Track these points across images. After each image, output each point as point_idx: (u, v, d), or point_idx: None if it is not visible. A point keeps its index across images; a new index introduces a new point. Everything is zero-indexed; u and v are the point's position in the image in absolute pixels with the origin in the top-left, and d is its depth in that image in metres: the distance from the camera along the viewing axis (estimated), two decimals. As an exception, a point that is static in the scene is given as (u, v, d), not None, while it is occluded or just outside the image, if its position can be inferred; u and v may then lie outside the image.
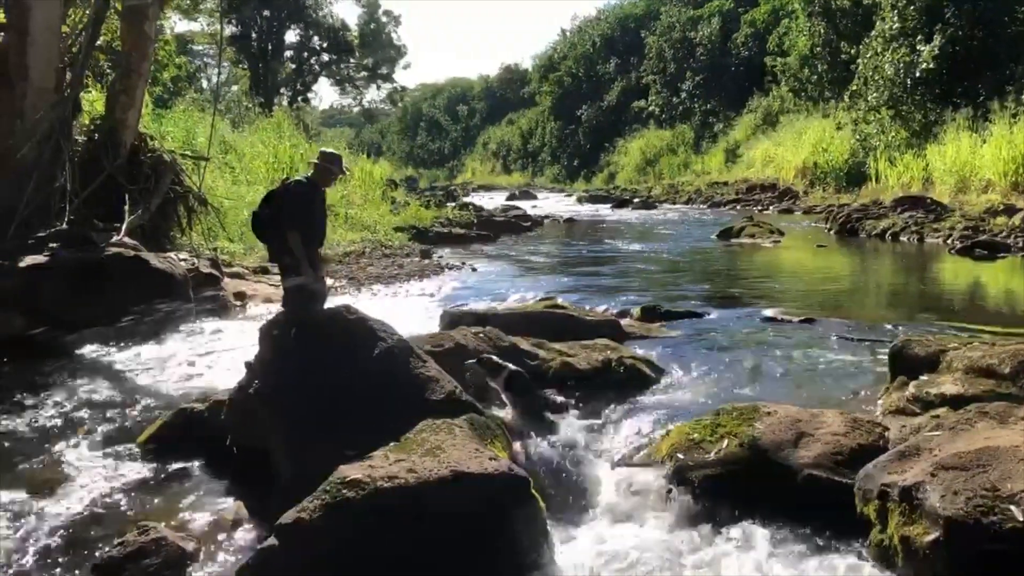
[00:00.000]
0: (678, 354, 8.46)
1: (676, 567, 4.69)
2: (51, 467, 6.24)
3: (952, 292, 13.27)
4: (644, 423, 6.51)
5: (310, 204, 6.41)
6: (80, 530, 5.28)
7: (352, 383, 5.88)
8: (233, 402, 6.44)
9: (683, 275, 15.22)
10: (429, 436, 5.26)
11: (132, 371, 8.65)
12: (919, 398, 6.19)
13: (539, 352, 7.75)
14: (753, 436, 5.60)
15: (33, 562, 4.93)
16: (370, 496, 4.60)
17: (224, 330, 10.34)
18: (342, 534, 4.55)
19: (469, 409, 5.87)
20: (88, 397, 7.72)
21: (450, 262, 16.88)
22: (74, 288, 9.71)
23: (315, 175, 6.55)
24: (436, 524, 4.61)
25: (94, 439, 6.73)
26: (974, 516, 4.17)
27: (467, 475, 4.78)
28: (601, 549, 4.98)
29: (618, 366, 7.61)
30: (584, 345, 8.04)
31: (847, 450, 5.42)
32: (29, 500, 5.61)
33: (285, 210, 6.29)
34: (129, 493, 5.82)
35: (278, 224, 6.32)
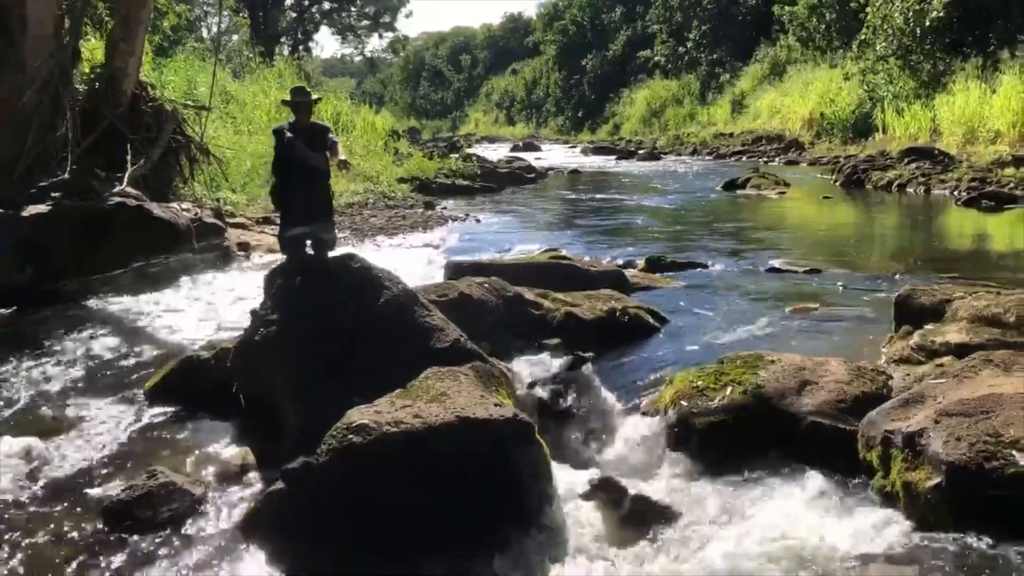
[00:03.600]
0: (682, 304, 8.47)
1: (678, 511, 4.72)
2: (59, 414, 6.29)
3: (958, 243, 13.22)
4: (648, 372, 6.54)
5: (282, 149, 6.32)
6: (88, 475, 5.34)
7: (357, 331, 5.89)
8: (238, 350, 6.46)
9: (688, 226, 15.16)
10: (435, 383, 5.28)
11: (137, 320, 8.67)
12: (923, 347, 6.20)
13: (543, 302, 7.74)
14: (757, 384, 5.61)
15: (42, 506, 4.98)
16: (377, 441, 4.63)
17: (228, 280, 10.35)
18: (349, 479, 4.59)
19: (474, 357, 5.87)
20: (94, 345, 7.75)
21: (453, 213, 16.83)
22: (77, 238, 9.70)
23: (296, 116, 6.47)
24: (441, 469, 4.64)
25: (101, 386, 6.77)
26: (976, 462, 4.20)
27: (472, 421, 4.80)
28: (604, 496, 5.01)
29: (622, 316, 7.61)
30: (588, 295, 8.04)
31: (851, 398, 5.44)
32: (38, 445, 5.64)
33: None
34: (136, 439, 5.87)
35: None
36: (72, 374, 7.06)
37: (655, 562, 4.32)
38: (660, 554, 4.39)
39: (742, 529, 4.51)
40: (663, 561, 4.31)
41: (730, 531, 4.47)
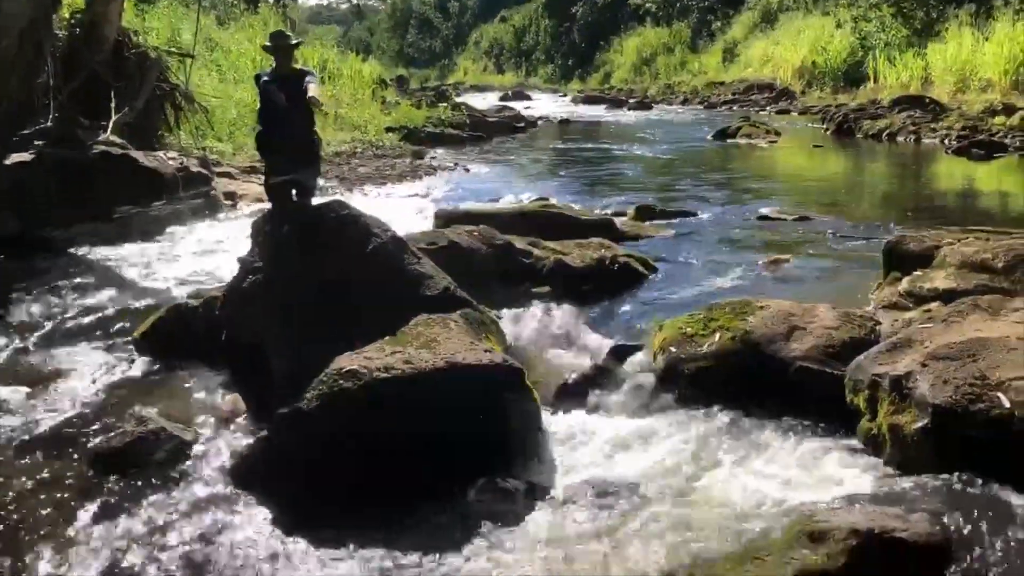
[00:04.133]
0: (672, 252, 8.48)
1: (668, 456, 4.77)
2: (46, 362, 6.28)
3: (947, 191, 13.23)
4: (637, 318, 6.56)
5: (263, 96, 6.22)
6: (78, 422, 5.33)
7: (345, 278, 5.86)
8: (227, 297, 6.42)
9: (678, 175, 15.10)
10: (424, 330, 5.27)
11: (124, 269, 8.61)
12: (912, 293, 6.22)
13: (533, 250, 7.72)
14: (746, 330, 5.63)
15: (31, 452, 4.99)
16: (367, 386, 4.64)
17: (215, 229, 10.27)
18: (339, 424, 4.61)
19: (464, 305, 5.86)
20: (80, 294, 7.71)
21: (442, 163, 16.70)
22: (62, 186, 9.58)
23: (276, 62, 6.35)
24: (432, 414, 4.65)
25: (88, 335, 6.74)
26: (962, 404, 4.23)
27: (462, 366, 4.82)
28: (595, 439, 5.06)
29: (612, 264, 7.61)
30: (578, 243, 8.02)
31: (839, 343, 5.45)
32: (27, 394, 5.65)
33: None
34: (125, 387, 5.87)
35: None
36: (59, 323, 7.03)
37: (642, 506, 4.35)
38: (646, 496, 4.42)
39: (727, 471, 4.56)
40: (650, 504, 4.35)
41: (716, 473, 4.52)
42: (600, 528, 4.19)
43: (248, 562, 4.03)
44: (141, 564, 4.01)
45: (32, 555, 4.08)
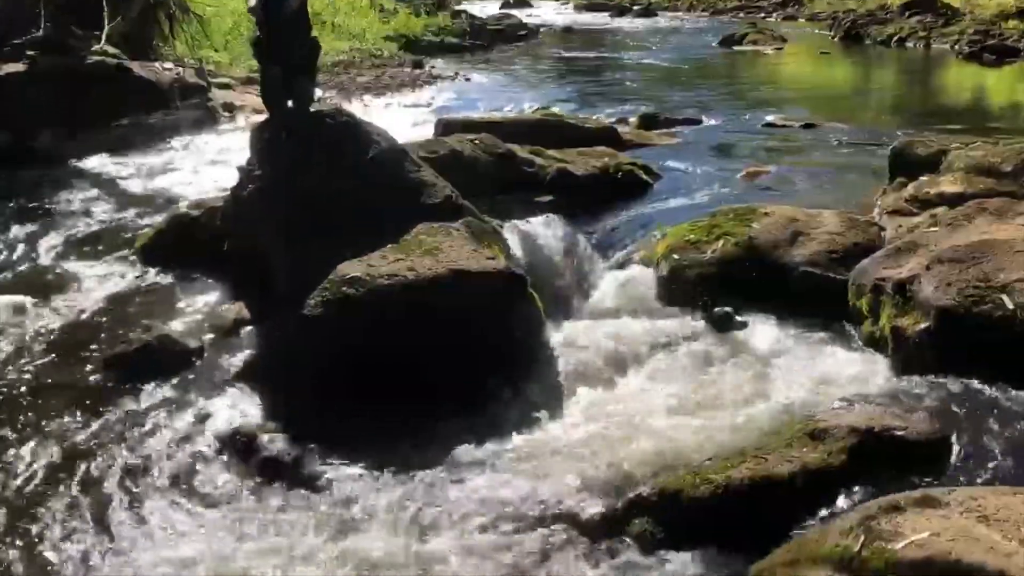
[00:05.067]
0: (677, 159, 8.38)
1: (671, 359, 4.80)
2: (50, 273, 6.29)
3: (957, 97, 13.02)
4: (641, 226, 6.52)
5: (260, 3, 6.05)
6: (83, 332, 5.38)
7: (346, 186, 5.79)
8: (227, 207, 6.38)
9: (683, 83, 14.84)
10: (427, 238, 5.25)
11: (124, 180, 8.53)
12: (918, 198, 6.16)
13: (536, 159, 7.63)
14: (749, 236, 5.61)
15: (39, 360, 5.04)
16: (370, 293, 4.65)
17: (213, 140, 10.13)
18: (343, 331, 4.62)
19: (466, 213, 5.81)
20: (80, 206, 7.68)
21: (442, 72, 16.39)
22: (57, 97, 9.40)
23: None
24: (435, 321, 4.67)
25: (91, 246, 6.73)
26: (965, 305, 4.24)
27: (465, 273, 4.81)
28: (597, 345, 5.08)
29: (616, 172, 7.53)
30: (581, 152, 7.93)
31: (843, 248, 5.45)
32: (33, 304, 5.68)
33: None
34: (130, 297, 5.89)
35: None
36: (60, 234, 7.01)
37: (643, 409, 4.39)
38: (647, 400, 4.46)
39: (729, 373, 4.59)
40: (650, 407, 4.39)
41: (717, 376, 4.56)
42: (600, 431, 4.24)
43: (254, 464, 4.10)
44: (149, 467, 4.09)
45: (43, 458, 4.16)
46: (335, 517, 3.74)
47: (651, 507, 3.52)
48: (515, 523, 3.62)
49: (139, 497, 3.90)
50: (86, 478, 4.02)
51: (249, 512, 3.81)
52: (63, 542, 3.62)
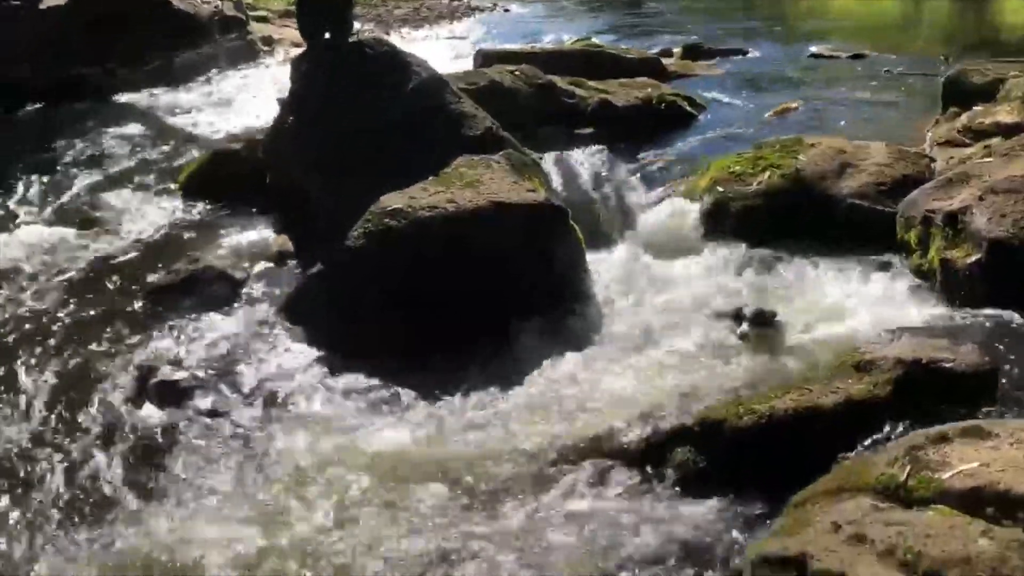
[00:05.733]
0: (721, 91, 8.24)
1: (712, 292, 4.75)
2: (95, 207, 6.37)
3: (1016, 24, 12.51)
4: (683, 158, 6.44)
5: None
6: (129, 262, 5.48)
7: (386, 117, 5.77)
8: (267, 140, 6.41)
9: (728, 14, 14.41)
10: (467, 170, 5.21)
11: (165, 114, 8.56)
12: (971, 128, 5.99)
13: (576, 90, 7.53)
14: (796, 167, 5.51)
15: (86, 290, 5.16)
16: (412, 224, 4.65)
17: (253, 73, 10.11)
18: (384, 262, 4.64)
19: (506, 145, 5.76)
20: (125, 139, 7.73)
21: (480, 4, 16.13)
22: (96, 31, 9.41)
23: None
24: (476, 253, 4.66)
25: (134, 179, 6.80)
26: (1021, 237, 4.13)
27: (506, 205, 4.78)
28: (638, 279, 5.05)
29: (658, 103, 7.44)
30: (623, 83, 7.82)
31: (891, 180, 5.33)
32: (80, 235, 5.78)
33: None
34: (173, 229, 5.97)
35: None
36: (105, 167, 7.10)
37: (686, 341, 4.37)
38: (690, 332, 4.43)
39: (773, 306, 4.53)
40: (693, 338, 4.37)
41: (763, 304, 4.49)
42: (639, 363, 4.24)
43: (295, 388, 4.20)
44: (195, 388, 4.19)
45: (92, 379, 4.29)
46: (365, 444, 3.79)
47: (693, 437, 3.51)
48: (557, 453, 3.64)
49: (182, 419, 4.01)
50: (134, 404, 4.12)
51: (286, 433, 3.89)
52: (111, 466, 3.74)
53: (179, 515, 3.42)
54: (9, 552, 3.29)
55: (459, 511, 3.34)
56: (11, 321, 4.88)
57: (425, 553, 3.10)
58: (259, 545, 3.20)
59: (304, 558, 3.13)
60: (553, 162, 6.10)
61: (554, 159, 6.13)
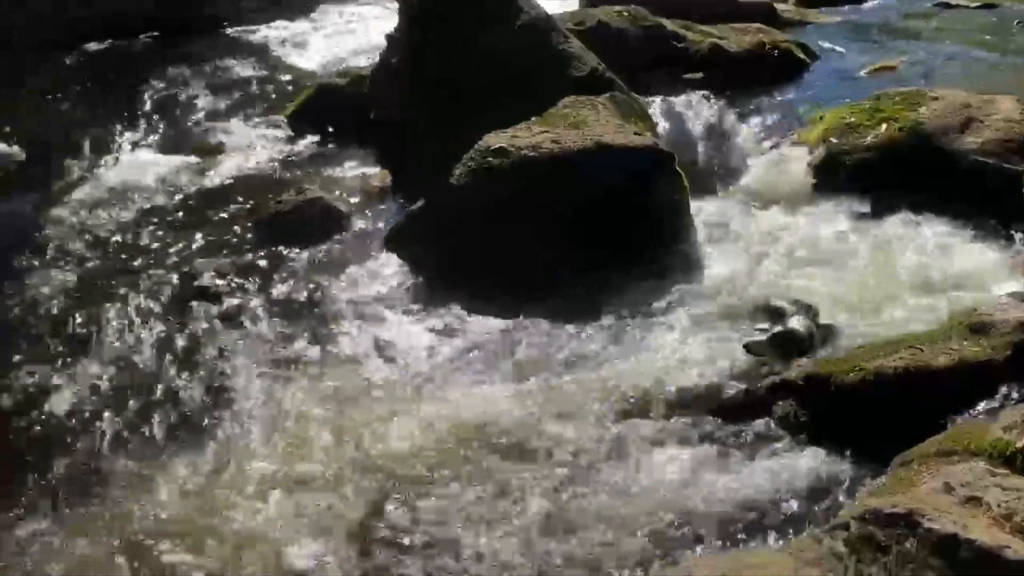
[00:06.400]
0: (838, 40, 7.89)
1: (821, 247, 4.61)
2: (208, 136, 6.55)
3: None
4: (796, 108, 6.23)
5: None
6: (239, 191, 5.63)
7: (492, 55, 5.71)
8: (374, 75, 6.44)
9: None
10: (572, 111, 5.15)
11: (275, 46, 8.66)
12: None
13: (686, 34, 7.31)
14: (916, 121, 5.27)
15: (196, 215, 5.37)
16: (515, 164, 4.63)
17: (363, 7, 10.12)
18: (486, 201, 4.64)
19: (613, 88, 5.66)
20: (233, 71, 7.87)
21: (589, -56, 15.75)
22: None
23: None
24: (579, 196, 4.61)
25: (243, 111, 6.95)
26: None
27: (612, 147, 4.71)
28: (743, 229, 4.94)
29: (771, 50, 7.17)
30: (735, 28, 7.55)
31: (1019, 136, 5.04)
32: (192, 164, 5.96)
33: None
34: (280, 160, 6.09)
35: None
36: (214, 99, 7.25)
37: (790, 291, 4.26)
38: (794, 284, 4.32)
39: (885, 263, 4.38)
40: (798, 294, 4.26)
41: (871, 265, 4.35)
42: (744, 313, 4.15)
43: (394, 321, 4.30)
44: (302, 311, 4.38)
45: (206, 304, 4.45)
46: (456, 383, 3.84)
47: (797, 391, 3.44)
48: (652, 402, 3.61)
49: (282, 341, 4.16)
50: (242, 330, 4.27)
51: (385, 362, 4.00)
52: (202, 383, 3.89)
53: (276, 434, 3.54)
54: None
55: (552, 460, 3.34)
56: (124, 242, 5.10)
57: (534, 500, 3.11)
58: (362, 464, 3.29)
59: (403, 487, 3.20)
60: (660, 106, 5.98)
61: (661, 103, 6.00)
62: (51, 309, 4.47)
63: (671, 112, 5.92)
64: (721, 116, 5.97)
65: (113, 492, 3.27)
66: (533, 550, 2.85)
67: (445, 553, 2.88)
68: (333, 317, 4.31)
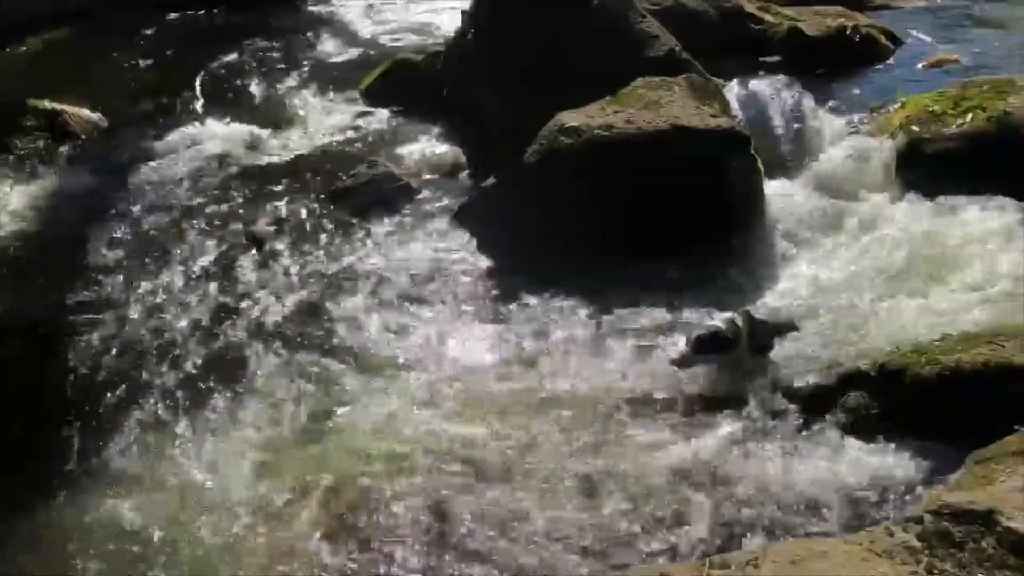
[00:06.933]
0: (922, 25, 7.68)
1: (899, 235, 4.49)
2: (282, 109, 6.64)
3: None
4: (877, 93, 6.07)
5: None
6: (313, 163, 5.73)
7: (568, 35, 5.68)
8: (448, 52, 6.46)
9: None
10: (646, 91, 5.10)
11: (351, 21, 8.72)
12: None
13: (765, 16, 7.20)
14: (1004, 110, 5.08)
15: (278, 185, 5.45)
16: (588, 143, 4.61)
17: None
18: (558, 179, 4.63)
19: (689, 69, 5.59)
20: (307, 45, 7.98)
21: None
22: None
23: None
24: (652, 175, 4.58)
25: (318, 83, 7.02)
26: None
27: (687, 129, 4.66)
28: (816, 213, 4.84)
29: (853, 34, 7.02)
30: (816, 11, 7.41)
31: (1116, 130, 4.83)
32: (267, 136, 6.06)
33: None
34: (353, 133, 6.17)
35: None
36: (290, 70, 7.35)
37: (863, 279, 4.18)
38: (867, 272, 4.25)
39: (964, 255, 4.25)
40: (869, 278, 4.18)
41: (954, 257, 4.22)
42: (812, 302, 4.10)
43: (467, 288, 4.41)
44: (372, 280, 4.48)
45: (273, 272, 4.60)
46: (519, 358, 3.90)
47: (869, 383, 3.40)
48: (721, 387, 3.58)
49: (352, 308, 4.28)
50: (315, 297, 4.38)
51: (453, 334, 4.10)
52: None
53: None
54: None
55: (616, 441, 3.36)
56: (203, 207, 5.23)
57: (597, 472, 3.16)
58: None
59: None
60: (736, 88, 5.88)
61: (737, 85, 5.90)
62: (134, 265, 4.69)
63: (747, 95, 5.81)
64: (798, 100, 5.83)
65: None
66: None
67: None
68: (396, 288, 4.39)
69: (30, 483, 3.31)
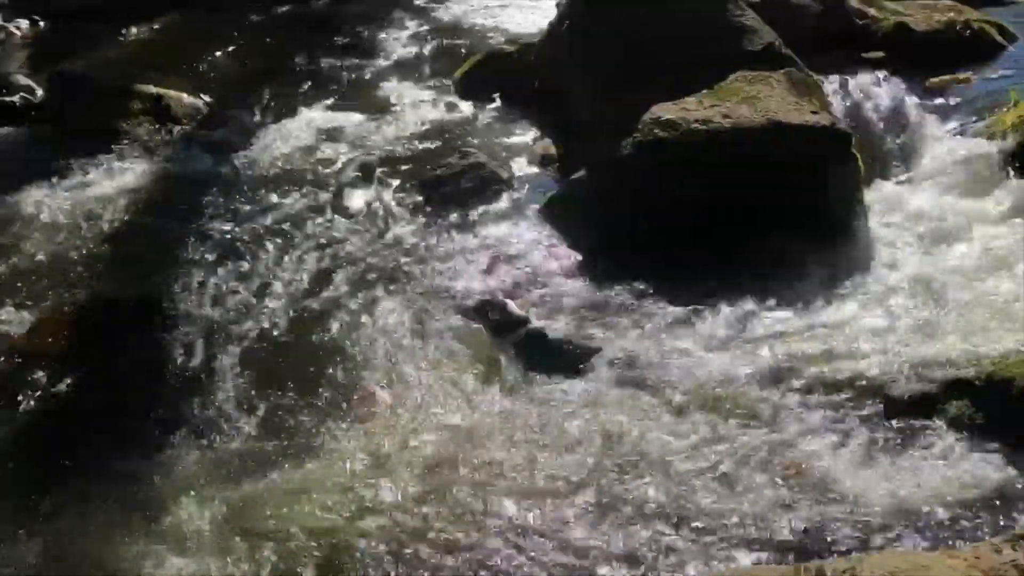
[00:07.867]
0: (1041, 21, 7.30)
1: (1007, 240, 4.31)
2: (377, 95, 6.71)
3: None
4: (989, 92, 5.82)
5: None
6: (405, 150, 5.77)
7: (664, 26, 5.60)
8: (541, 45, 6.45)
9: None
10: (744, 85, 5.01)
11: (444, 11, 8.69)
12: None
13: (868, 10, 6.98)
14: None
15: (369, 172, 5.49)
16: (683, 137, 4.54)
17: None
18: (652, 172, 4.58)
19: (789, 63, 5.44)
20: (406, 34, 7.97)
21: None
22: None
23: None
24: (747, 172, 4.49)
25: (411, 73, 7.07)
26: None
27: (786, 126, 4.56)
28: (920, 215, 4.68)
29: (963, 30, 6.73)
30: (923, 5, 7.14)
31: None
32: (362, 122, 6.14)
33: None
34: (445, 123, 6.18)
35: None
36: (386, 59, 7.41)
37: (967, 284, 4.03)
38: (971, 277, 4.10)
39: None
40: (974, 284, 4.03)
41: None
42: (914, 305, 3.98)
43: (552, 282, 4.40)
44: (461, 271, 4.52)
45: (360, 263, 4.64)
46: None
47: (973, 391, 3.26)
48: (818, 393, 3.51)
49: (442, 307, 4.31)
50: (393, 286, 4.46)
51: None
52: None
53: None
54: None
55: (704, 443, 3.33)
56: (293, 194, 5.31)
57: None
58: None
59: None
60: (837, 85, 5.72)
61: (838, 82, 5.74)
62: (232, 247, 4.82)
63: (848, 91, 5.65)
64: (902, 98, 5.66)
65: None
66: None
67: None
68: (486, 282, 4.40)
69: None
